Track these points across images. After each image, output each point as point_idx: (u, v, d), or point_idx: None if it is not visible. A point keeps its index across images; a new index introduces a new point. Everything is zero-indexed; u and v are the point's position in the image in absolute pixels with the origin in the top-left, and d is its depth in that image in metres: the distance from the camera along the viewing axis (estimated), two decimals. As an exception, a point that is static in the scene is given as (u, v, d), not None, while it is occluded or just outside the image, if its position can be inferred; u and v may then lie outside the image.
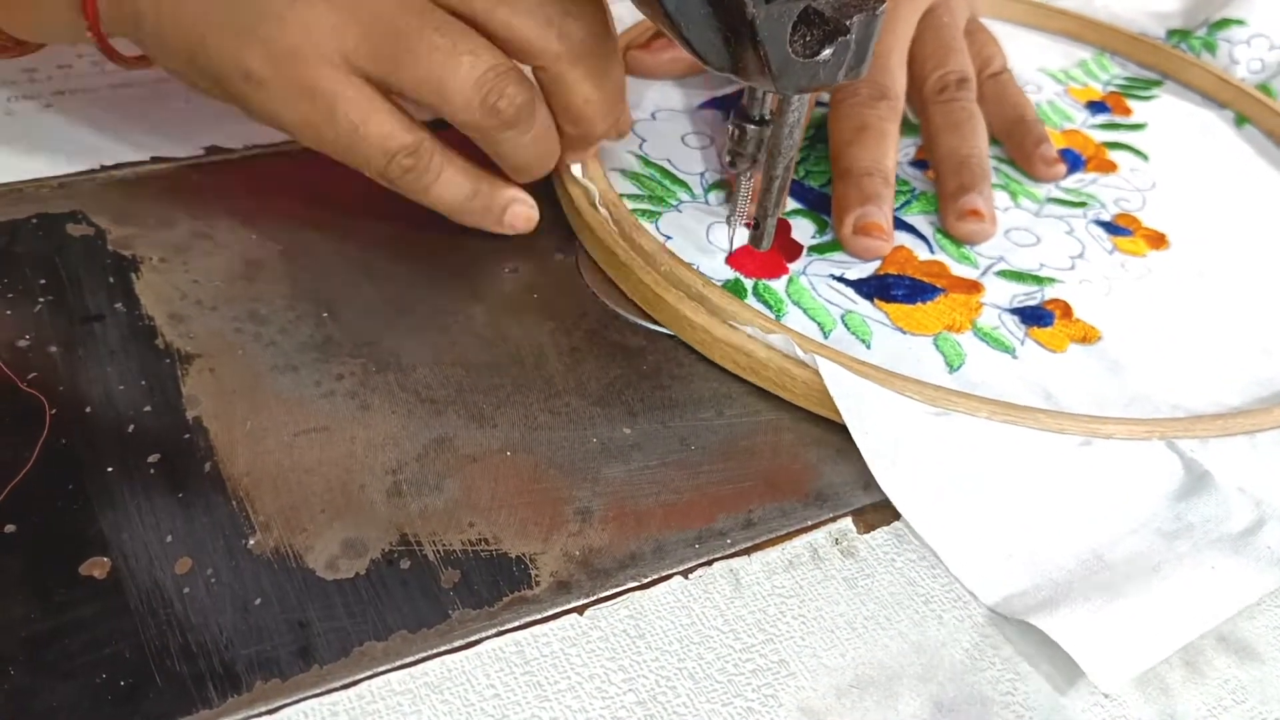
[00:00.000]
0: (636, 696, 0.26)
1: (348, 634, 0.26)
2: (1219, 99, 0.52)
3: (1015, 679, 0.28)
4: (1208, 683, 0.28)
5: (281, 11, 0.31)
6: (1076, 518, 0.31)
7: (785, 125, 0.34)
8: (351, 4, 0.31)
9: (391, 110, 0.33)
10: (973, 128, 0.42)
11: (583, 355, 0.35)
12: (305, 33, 0.31)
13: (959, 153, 0.41)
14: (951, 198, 0.40)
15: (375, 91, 0.32)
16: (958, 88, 0.43)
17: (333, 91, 0.32)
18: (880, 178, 0.40)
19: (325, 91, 0.32)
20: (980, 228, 0.40)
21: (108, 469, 0.29)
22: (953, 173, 0.41)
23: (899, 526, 0.31)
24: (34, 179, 0.38)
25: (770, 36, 0.30)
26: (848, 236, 0.39)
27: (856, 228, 0.39)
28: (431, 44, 0.31)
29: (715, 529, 0.30)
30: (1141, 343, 0.37)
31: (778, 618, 0.28)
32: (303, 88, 0.32)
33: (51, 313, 0.33)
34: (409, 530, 0.29)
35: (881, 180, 0.40)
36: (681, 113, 0.46)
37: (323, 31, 0.31)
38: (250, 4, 0.31)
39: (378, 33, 0.31)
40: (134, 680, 0.25)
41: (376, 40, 0.31)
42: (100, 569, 0.27)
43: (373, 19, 0.31)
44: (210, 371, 0.32)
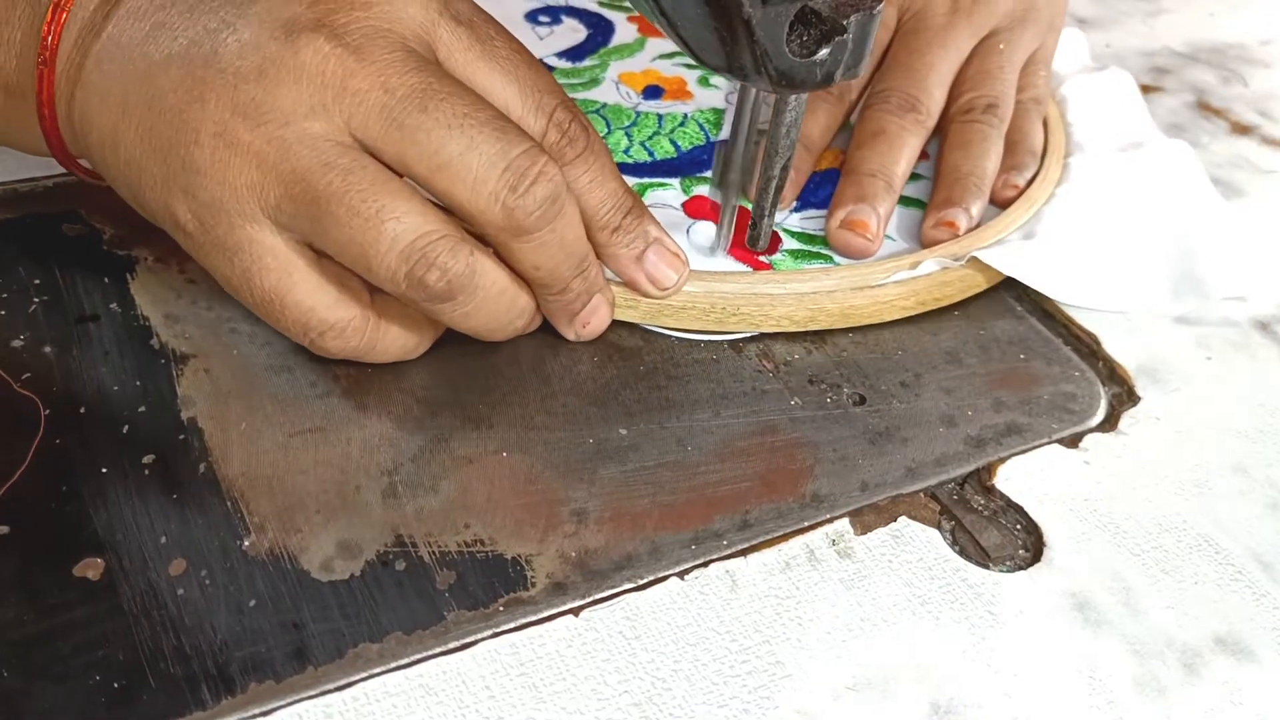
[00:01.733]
0: (632, 698, 0.26)
1: (342, 635, 0.26)
2: None
3: (1013, 679, 0.28)
4: (1205, 685, 0.28)
5: (203, 165, 0.28)
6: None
7: (782, 125, 0.34)
8: (276, 159, 0.28)
9: (320, 282, 0.30)
10: (982, 149, 0.41)
11: (579, 355, 0.35)
12: (224, 187, 0.28)
13: (960, 169, 0.41)
14: (935, 207, 0.40)
15: (304, 256, 0.30)
16: (984, 111, 0.42)
17: (251, 255, 0.29)
18: (883, 181, 0.40)
19: (243, 254, 0.29)
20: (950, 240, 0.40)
21: (102, 469, 0.29)
22: (946, 185, 0.41)
23: (896, 528, 0.31)
24: (28, 178, 0.38)
25: (767, 36, 0.30)
26: (833, 230, 0.39)
27: (843, 222, 0.39)
28: (352, 209, 0.28)
29: (711, 530, 0.30)
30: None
31: (774, 619, 0.28)
32: (222, 246, 0.29)
33: (46, 313, 0.33)
34: (404, 531, 0.29)
35: (884, 184, 0.40)
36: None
37: (242, 188, 0.28)
38: (175, 153, 0.29)
39: (297, 192, 0.28)
40: (127, 682, 0.25)
41: (296, 201, 0.28)
42: (94, 570, 0.27)
43: (293, 177, 0.28)
44: (205, 372, 0.32)
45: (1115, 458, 0.34)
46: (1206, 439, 0.35)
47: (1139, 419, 0.36)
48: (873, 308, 0.37)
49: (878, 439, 0.33)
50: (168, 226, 0.30)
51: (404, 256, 0.28)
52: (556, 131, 0.31)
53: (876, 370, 0.36)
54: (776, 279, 0.36)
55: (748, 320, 0.36)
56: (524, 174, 0.29)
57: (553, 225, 0.30)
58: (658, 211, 0.39)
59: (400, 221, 0.28)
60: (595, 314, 0.34)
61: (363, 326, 0.31)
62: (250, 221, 0.29)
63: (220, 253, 0.29)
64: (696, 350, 0.36)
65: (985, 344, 0.38)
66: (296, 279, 0.30)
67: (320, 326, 0.30)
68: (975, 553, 0.31)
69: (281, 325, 0.30)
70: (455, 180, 0.29)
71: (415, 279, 0.29)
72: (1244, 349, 0.39)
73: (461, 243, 0.29)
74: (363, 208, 0.28)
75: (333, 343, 0.31)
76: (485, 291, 0.30)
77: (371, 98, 0.28)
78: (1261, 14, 0.63)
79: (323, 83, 0.28)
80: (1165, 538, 0.32)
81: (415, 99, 0.28)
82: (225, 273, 0.30)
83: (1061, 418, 0.35)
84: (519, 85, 0.31)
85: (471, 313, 0.31)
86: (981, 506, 0.32)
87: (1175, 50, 0.58)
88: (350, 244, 0.29)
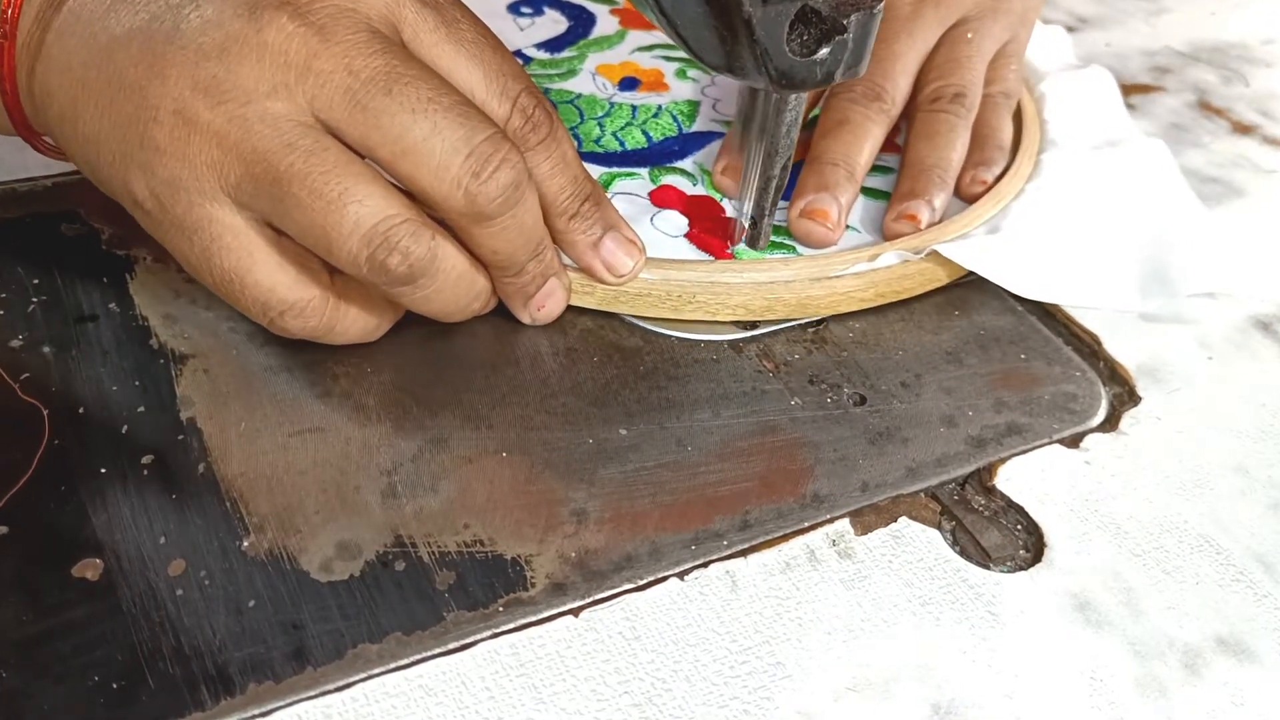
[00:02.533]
0: (632, 699, 0.26)
1: (342, 636, 0.26)
2: None
3: (1014, 680, 0.28)
4: (1207, 685, 0.28)
5: (162, 142, 0.28)
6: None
7: (782, 125, 0.34)
8: (237, 137, 0.28)
9: (279, 262, 0.29)
10: (948, 140, 0.41)
11: (579, 355, 0.35)
12: (184, 165, 0.28)
13: (924, 160, 0.40)
14: (898, 199, 0.40)
15: (264, 235, 0.29)
16: (950, 100, 0.42)
17: (210, 234, 0.29)
18: (845, 170, 0.39)
19: (202, 233, 0.29)
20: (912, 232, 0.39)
21: (101, 470, 0.29)
22: (909, 177, 0.40)
23: (896, 528, 0.31)
24: (27, 178, 0.38)
25: (767, 35, 0.30)
26: (794, 220, 0.39)
27: (803, 211, 0.38)
28: (314, 190, 0.28)
29: (711, 530, 0.30)
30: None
31: (774, 620, 0.28)
32: (180, 224, 0.29)
33: (45, 313, 0.33)
34: (404, 532, 0.29)
35: (845, 173, 0.39)
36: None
37: (202, 166, 0.28)
38: (134, 129, 0.28)
39: (258, 172, 0.28)
40: (126, 682, 0.25)
41: (257, 180, 0.28)
42: (93, 571, 0.27)
43: (255, 156, 0.28)
44: (204, 372, 0.32)
45: (1116, 458, 0.34)
46: (1208, 439, 0.35)
47: (1140, 419, 0.36)
48: (830, 299, 0.37)
49: (878, 439, 0.33)
50: (126, 204, 0.30)
51: (366, 240, 0.28)
52: (520, 117, 0.31)
53: (877, 370, 0.36)
54: (734, 268, 0.36)
55: (704, 308, 0.36)
56: (487, 160, 0.29)
57: (513, 212, 0.30)
58: (625, 199, 0.39)
59: (363, 205, 0.28)
60: (550, 298, 0.34)
61: (322, 307, 0.30)
62: (210, 200, 0.28)
63: (179, 231, 0.29)
64: (697, 350, 0.36)
65: (986, 344, 0.37)
66: (257, 258, 0.29)
67: (280, 306, 0.30)
68: (976, 553, 0.31)
69: (241, 305, 0.30)
70: (419, 165, 0.29)
71: (377, 262, 0.29)
72: (1245, 349, 0.39)
73: (423, 227, 0.29)
74: (325, 190, 0.28)
75: (292, 322, 0.30)
76: (446, 275, 0.30)
77: (335, 79, 0.28)
78: (1263, 13, 0.63)
79: (286, 62, 0.28)
80: (1166, 538, 0.32)
81: (380, 81, 0.28)
82: (184, 251, 0.30)
83: (1062, 418, 0.35)
84: (484, 69, 0.31)
85: (431, 296, 0.31)
86: (982, 507, 0.32)
87: (1176, 49, 0.58)
88: (312, 226, 0.28)
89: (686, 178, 0.41)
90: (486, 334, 0.35)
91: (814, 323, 0.37)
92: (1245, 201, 0.47)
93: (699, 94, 0.46)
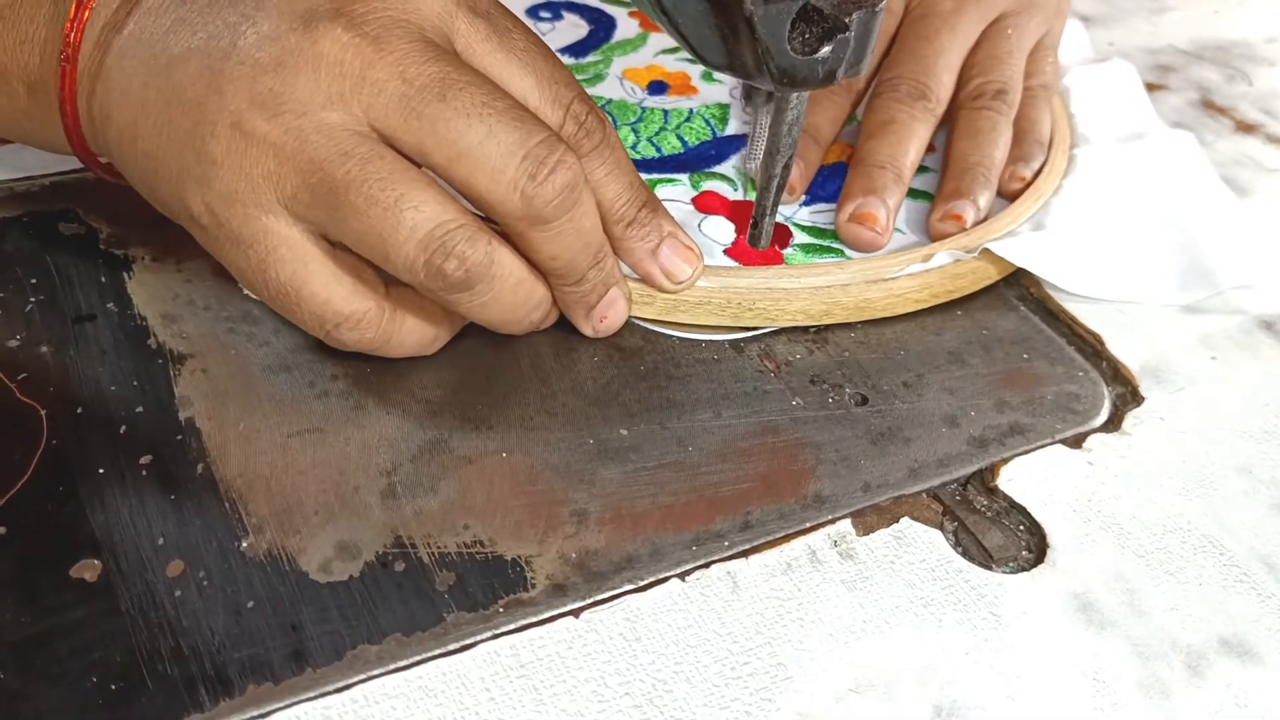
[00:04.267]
0: (633, 700, 0.26)
1: (341, 637, 0.26)
2: None
3: (1016, 681, 0.27)
4: (1210, 686, 0.28)
5: (219, 155, 0.28)
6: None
7: (784, 123, 0.34)
8: (293, 148, 0.28)
9: (335, 273, 0.29)
10: (991, 138, 0.41)
11: (579, 355, 0.35)
12: (241, 178, 0.28)
13: (968, 159, 0.41)
14: (943, 199, 0.40)
15: (320, 247, 0.29)
16: (992, 97, 0.42)
17: (266, 246, 0.29)
18: (892, 173, 0.39)
19: (258, 245, 0.29)
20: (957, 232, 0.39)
21: (99, 470, 0.29)
22: (954, 176, 0.40)
23: (898, 529, 0.31)
24: (25, 177, 0.37)
25: (769, 34, 0.29)
26: (842, 224, 0.39)
27: (852, 216, 0.39)
28: (370, 197, 0.28)
29: (712, 531, 0.30)
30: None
31: (775, 621, 0.28)
32: (237, 237, 0.29)
33: (43, 312, 0.33)
34: (403, 532, 0.29)
35: (893, 176, 0.39)
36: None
37: (259, 178, 0.28)
38: (191, 145, 0.29)
39: (315, 181, 0.28)
40: (125, 684, 0.25)
41: (314, 190, 0.28)
42: (91, 571, 0.27)
43: (311, 166, 0.28)
44: (203, 372, 0.32)
45: (1119, 458, 0.34)
46: (1211, 439, 0.35)
47: (1143, 419, 0.36)
48: (886, 300, 0.37)
49: (880, 439, 0.33)
50: (183, 220, 0.30)
51: (423, 245, 0.28)
52: (573, 123, 0.31)
53: (879, 370, 0.36)
54: (791, 273, 0.36)
55: (763, 314, 0.36)
56: (543, 162, 0.29)
57: (570, 214, 0.30)
58: (673, 208, 0.39)
59: (419, 210, 0.28)
60: (612, 307, 0.34)
61: (379, 318, 0.30)
62: (266, 212, 0.29)
63: (235, 245, 0.29)
64: (698, 350, 0.35)
65: (988, 344, 0.37)
66: (313, 269, 0.29)
67: (336, 318, 0.30)
68: (978, 554, 0.31)
69: (298, 318, 0.30)
70: (474, 169, 0.29)
71: (433, 268, 0.29)
72: (1249, 349, 0.39)
73: (480, 232, 0.29)
74: (381, 196, 0.28)
75: (349, 334, 0.30)
76: (503, 281, 0.30)
77: (390, 87, 0.28)
78: (1266, 12, 0.63)
79: (341, 72, 0.28)
80: (1169, 539, 0.32)
81: (434, 88, 0.28)
82: (240, 265, 0.30)
83: (1065, 418, 0.35)
84: (536, 77, 0.31)
85: (489, 303, 0.30)
86: (984, 507, 0.32)
87: (1179, 48, 0.58)
88: (368, 233, 0.28)
89: (728, 183, 0.41)
90: (486, 334, 0.35)
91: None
92: (1249, 200, 0.47)
93: (728, 96, 0.46)
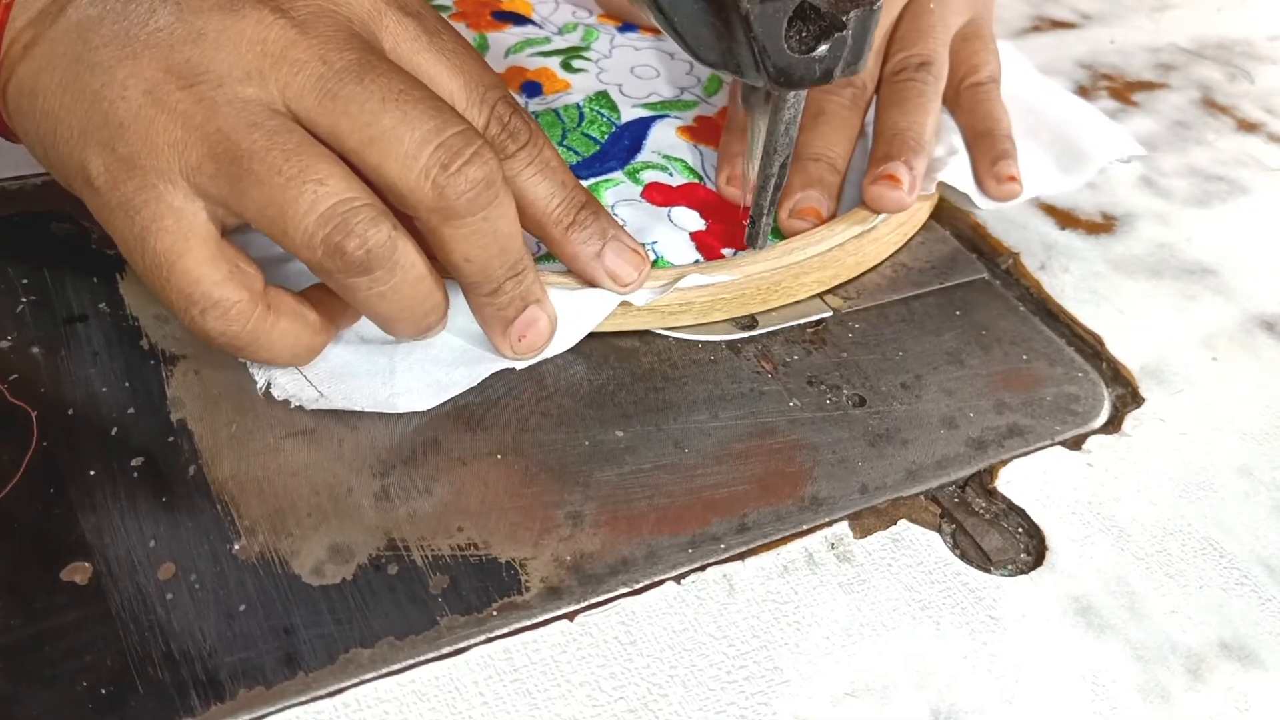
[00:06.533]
0: (628, 704, 0.26)
1: (334, 641, 0.26)
2: None
3: (1015, 685, 0.27)
4: (1210, 690, 0.28)
5: (126, 119, 0.27)
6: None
7: (780, 122, 0.33)
8: (202, 118, 0.27)
9: (213, 256, 0.28)
10: (917, 105, 0.41)
11: (574, 356, 0.34)
12: (145, 144, 0.27)
13: (895, 126, 0.40)
14: (873, 164, 0.40)
15: (206, 228, 0.28)
16: (916, 69, 0.42)
17: (153, 214, 0.28)
18: (826, 164, 0.40)
19: (145, 212, 0.28)
20: (895, 195, 0.39)
21: (90, 472, 0.29)
22: (883, 143, 0.40)
23: (896, 531, 0.31)
24: (16, 176, 0.37)
25: (765, 32, 0.29)
26: (784, 220, 0.39)
27: (793, 211, 0.39)
28: (272, 166, 0.27)
29: (708, 533, 0.30)
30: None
31: (772, 624, 0.28)
32: (127, 203, 0.28)
33: (34, 313, 0.33)
34: (397, 535, 0.28)
35: (827, 167, 0.39)
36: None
37: (164, 145, 0.27)
38: (98, 106, 0.28)
39: (220, 151, 0.27)
40: (115, 688, 0.24)
41: (218, 159, 0.27)
42: (82, 574, 0.26)
43: (218, 136, 0.27)
44: (195, 373, 0.32)
45: (1119, 460, 0.34)
46: (1211, 441, 0.35)
47: (1143, 420, 0.35)
48: (876, 248, 0.39)
49: (878, 441, 0.33)
50: (77, 182, 0.29)
51: (323, 220, 0.27)
52: (497, 124, 0.31)
53: (877, 371, 0.35)
54: (796, 245, 0.37)
55: (787, 292, 0.37)
56: (458, 153, 0.28)
57: (485, 213, 0.29)
58: (632, 208, 0.39)
59: (323, 184, 0.27)
60: (532, 327, 0.32)
61: (248, 311, 0.29)
62: (163, 180, 0.28)
63: (124, 211, 0.28)
64: (694, 351, 0.35)
65: (987, 345, 0.37)
66: (191, 244, 0.28)
67: (204, 301, 0.28)
68: (976, 556, 0.31)
69: (165, 295, 0.28)
70: (387, 154, 0.28)
71: (332, 244, 0.27)
72: (1249, 349, 0.39)
73: (383, 215, 0.28)
74: (285, 166, 0.27)
75: (214, 323, 0.28)
76: (404, 273, 0.29)
77: (309, 68, 0.28)
78: (1268, 10, 0.63)
79: (263, 50, 0.28)
80: (1169, 541, 0.32)
81: (353, 71, 0.28)
82: (124, 231, 0.28)
83: (1064, 419, 0.35)
84: (465, 78, 0.30)
85: (387, 294, 0.29)
86: (983, 509, 0.32)
87: (1181, 46, 0.58)
88: (268, 204, 0.27)
89: (660, 171, 0.41)
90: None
91: (813, 322, 0.37)
92: (1250, 199, 0.47)
93: (598, 81, 0.45)
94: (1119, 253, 0.43)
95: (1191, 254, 0.43)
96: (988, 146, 0.42)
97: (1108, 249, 0.43)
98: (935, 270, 0.40)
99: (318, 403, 0.31)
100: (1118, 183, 0.47)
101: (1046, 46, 0.56)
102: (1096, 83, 0.53)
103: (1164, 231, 0.44)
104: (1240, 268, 0.42)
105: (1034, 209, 0.44)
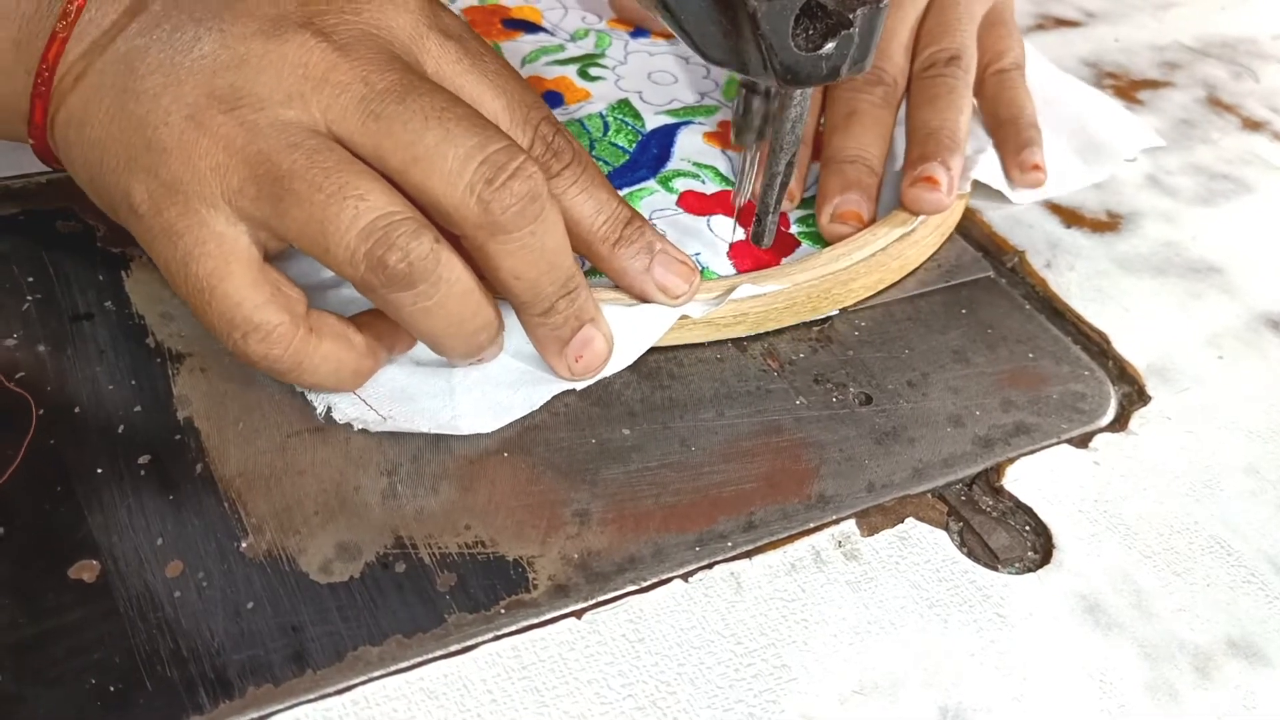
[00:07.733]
0: (635, 702, 0.26)
1: (341, 638, 0.26)
2: None
3: (1022, 683, 0.27)
4: (1218, 688, 0.28)
5: (169, 144, 0.28)
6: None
7: (787, 121, 0.33)
8: (243, 141, 0.27)
9: (255, 280, 0.28)
10: (949, 102, 0.41)
11: (581, 354, 0.34)
12: (187, 168, 0.28)
13: (929, 125, 0.40)
14: (910, 166, 0.40)
15: (249, 252, 0.28)
16: (945, 64, 0.42)
17: (195, 239, 0.28)
18: (863, 165, 0.39)
19: (188, 237, 0.28)
20: (934, 197, 0.39)
21: (97, 470, 0.29)
22: (918, 143, 0.40)
23: (903, 529, 0.31)
24: (21, 175, 0.37)
25: (772, 30, 0.29)
26: (825, 225, 0.39)
27: (834, 216, 0.38)
28: (313, 183, 0.27)
29: (716, 531, 0.30)
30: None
31: (779, 622, 0.28)
32: (170, 229, 0.28)
33: (40, 311, 0.33)
34: (404, 533, 0.28)
35: (865, 168, 0.39)
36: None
37: (206, 170, 0.28)
38: (141, 132, 0.28)
39: (261, 172, 0.27)
40: (124, 685, 0.24)
41: (260, 181, 0.27)
42: (89, 572, 0.26)
43: (259, 158, 0.27)
44: (202, 371, 0.32)
45: (1125, 458, 0.34)
46: (1218, 439, 0.35)
47: (1149, 419, 0.35)
48: (916, 251, 0.39)
49: (884, 439, 0.33)
50: (121, 210, 0.29)
51: (365, 234, 0.27)
52: (541, 144, 0.31)
53: (883, 369, 0.35)
54: (841, 250, 0.37)
55: (835, 300, 0.37)
56: (502, 168, 0.28)
57: (532, 228, 0.29)
58: (667, 217, 0.39)
59: (363, 199, 0.27)
60: (588, 347, 0.32)
61: (289, 334, 0.29)
62: (206, 205, 0.28)
63: (167, 237, 0.28)
64: (700, 350, 0.35)
65: (993, 343, 0.37)
66: (233, 269, 0.28)
67: (245, 325, 0.28)
68: (983, 554, 0.31)
69: (207, 319, 0.29)
70: (431, 171, 0.28)
71: (375, 259, 0.27)
72: (1256, 348, 0.39)
73: (424, 227, 0.28)
74: (325, 183, 0.27)
75: (256, 347, 0.28)
76: (449, 286, 0.28)
77: (352, 90, 0.28)
78: (1273, 8, 0.63)
79: (305, 74, 0.28)
80: (1176, 539, 0.32)
81: (395, 92, 0.28)
82: (166, 256, 0.28)
83: (1071, 417, 0.35)
84: (508, 99, 0.31)
85: (433, 309, 0.28)
86: (990, 507, 0.32)
87: (1185, 45, 0.58)
88: (310, 222, 0.27)
89: (692, 179, 0.41)
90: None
91: (819, 321, 0.37)
92: (1255, 198, 0.47)
93: (617, 89, 0.45)
94: (1124, 251, 0.43)
95: (1197, 252, 0.43)
96: (1013, 134, 0.42)
97: (1113, 247, 0.43)
98: (941, 269, 0.40)
99: (382, 425, 0.31)
100: (1123, 181, 0.46)
101: (1051, 44, 0.55)
102: (1101, 81, 0.53)
103: (1169, 230, 0.44)
104: (1246, 266, 0.42)
105: (1039, 207, 0.44)
